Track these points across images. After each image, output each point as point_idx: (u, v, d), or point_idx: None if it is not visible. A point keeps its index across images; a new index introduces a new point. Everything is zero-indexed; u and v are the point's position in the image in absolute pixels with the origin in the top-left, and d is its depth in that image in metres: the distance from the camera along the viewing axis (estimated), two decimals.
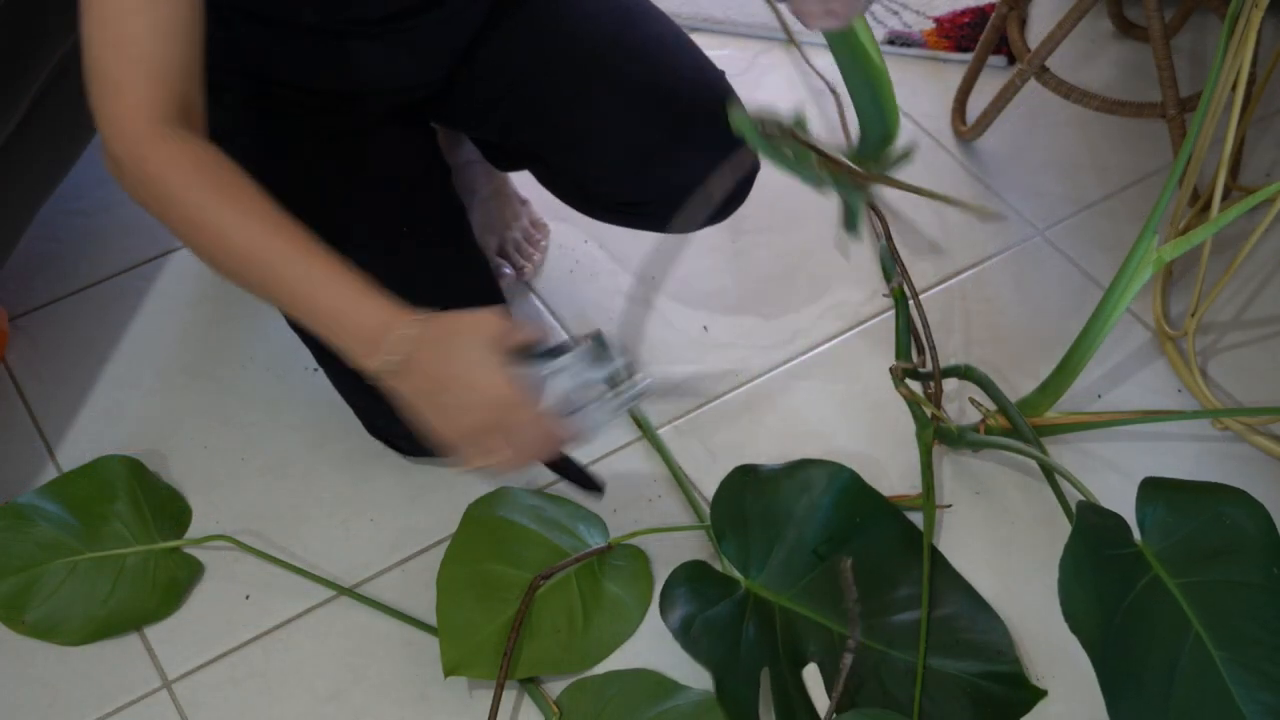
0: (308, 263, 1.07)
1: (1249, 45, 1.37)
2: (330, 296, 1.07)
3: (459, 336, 1.07)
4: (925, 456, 1.42)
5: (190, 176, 1.05)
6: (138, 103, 1.03)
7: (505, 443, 1.08)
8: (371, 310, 1.07)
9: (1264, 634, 1.17)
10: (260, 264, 1.07)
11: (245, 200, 1.07)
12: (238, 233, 1.06)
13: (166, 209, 1.06)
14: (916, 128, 1.88)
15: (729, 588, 1.34)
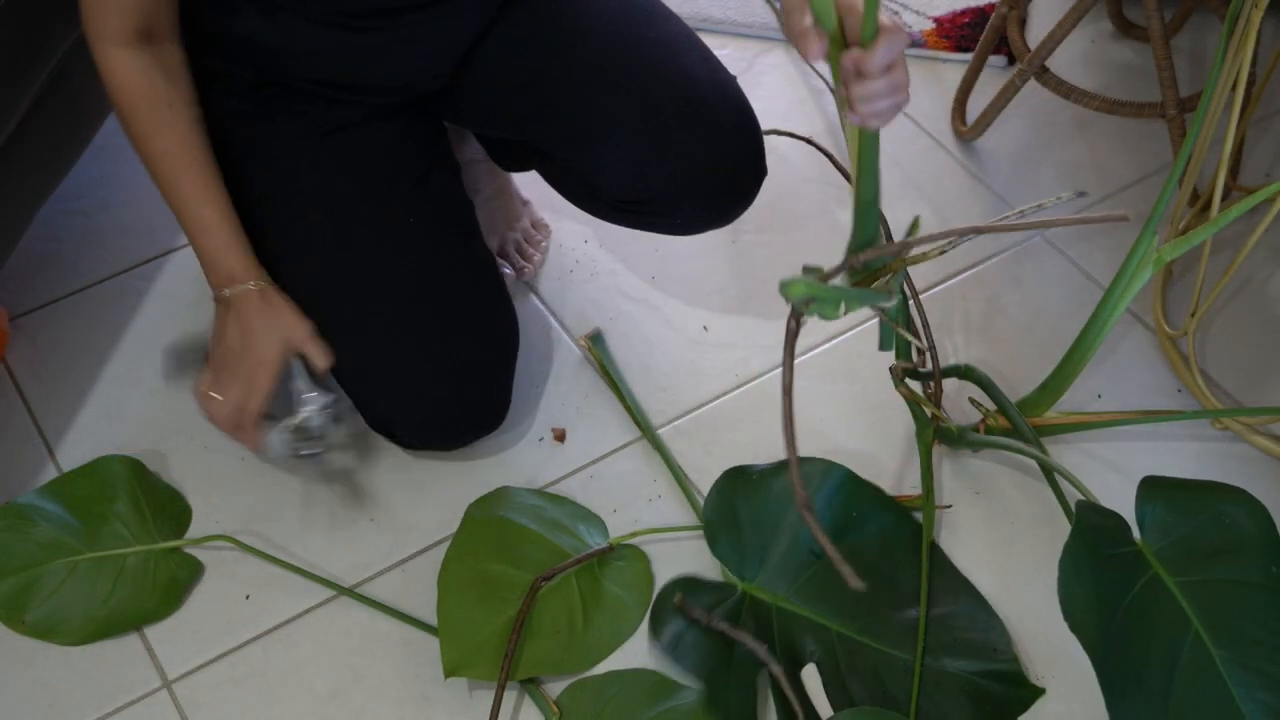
0: (200, 207, 1.31)
1: (1249, 45, 1.37)
2: (208, 242, 1.32)
3: (269, 320, 1.31)
4: (925, 457, 1.42)
5: (134, 102, 1.28)
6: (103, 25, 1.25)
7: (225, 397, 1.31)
8: (235, 261, 1.32)
9: (1264, 633, 1.18)
10: (171, 196, 1.32)
11: (169, 137, 1.29)
12: (158, 164, 1.30)
13: (116, 115, 1.31)
14: (917, 128, 1.88)
15: (723, 593, 1.34)
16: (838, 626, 1.31)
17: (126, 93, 1.28)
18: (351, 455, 1.50)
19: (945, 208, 1.77)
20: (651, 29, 1.41)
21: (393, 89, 1.38)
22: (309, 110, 1.37)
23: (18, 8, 1.32)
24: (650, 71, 1.38)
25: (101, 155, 1.78)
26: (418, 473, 1.49)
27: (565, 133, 1.41)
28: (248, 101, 1.36)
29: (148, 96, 1.27)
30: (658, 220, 1.45)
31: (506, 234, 1.67)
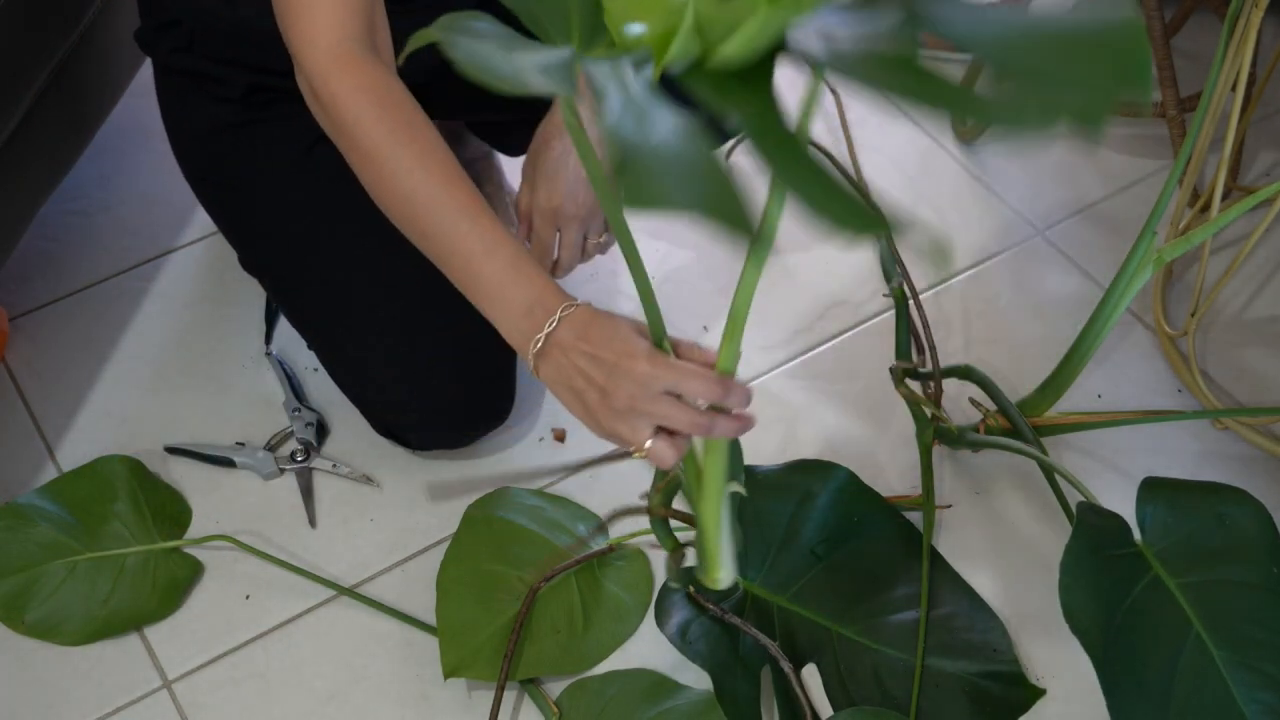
0: (477, 222, 1.05)
1: (1249, 45, 1.37)
2: (494, 263, 1.05)
3: (612, 320, 1.04)
4: (925, 456, 1.42)
5: (371, 108, 1.05)
6: (327, 19, 1.05)
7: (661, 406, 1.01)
8: (530, 283, 1.05)
9: (1264, 634, 1.18)
10: (427, 214, 1.05)
11: (423, 144, 1.06)
12: (410, 177, 1.05)
13: (344, 136, 1.07)
14: (916, 128, 1.88)
15: (725, 592, 1.34)
16: (838, 627, 1.32)
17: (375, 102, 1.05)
18: (351, 455, 1.50)
19: (945, 208, 1.77)
20: None
21: None
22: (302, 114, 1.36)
23: (18, 8, 1.32)
24: None
25: (101, 155, 1.78)
26: (417, 473, 1.49)
27: None
28: (241, 106, 1.36)
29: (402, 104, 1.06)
30: None
31: None
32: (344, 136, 1.08)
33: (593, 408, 1.03)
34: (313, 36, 1.06)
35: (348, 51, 1.06)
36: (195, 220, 1.73)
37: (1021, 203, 1.78)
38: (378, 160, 1.07)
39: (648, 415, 1.01)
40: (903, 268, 1.48)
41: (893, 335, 1.47)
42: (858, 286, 1.68)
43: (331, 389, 1.52)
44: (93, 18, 1.48)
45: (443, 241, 1.07)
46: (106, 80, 1.58)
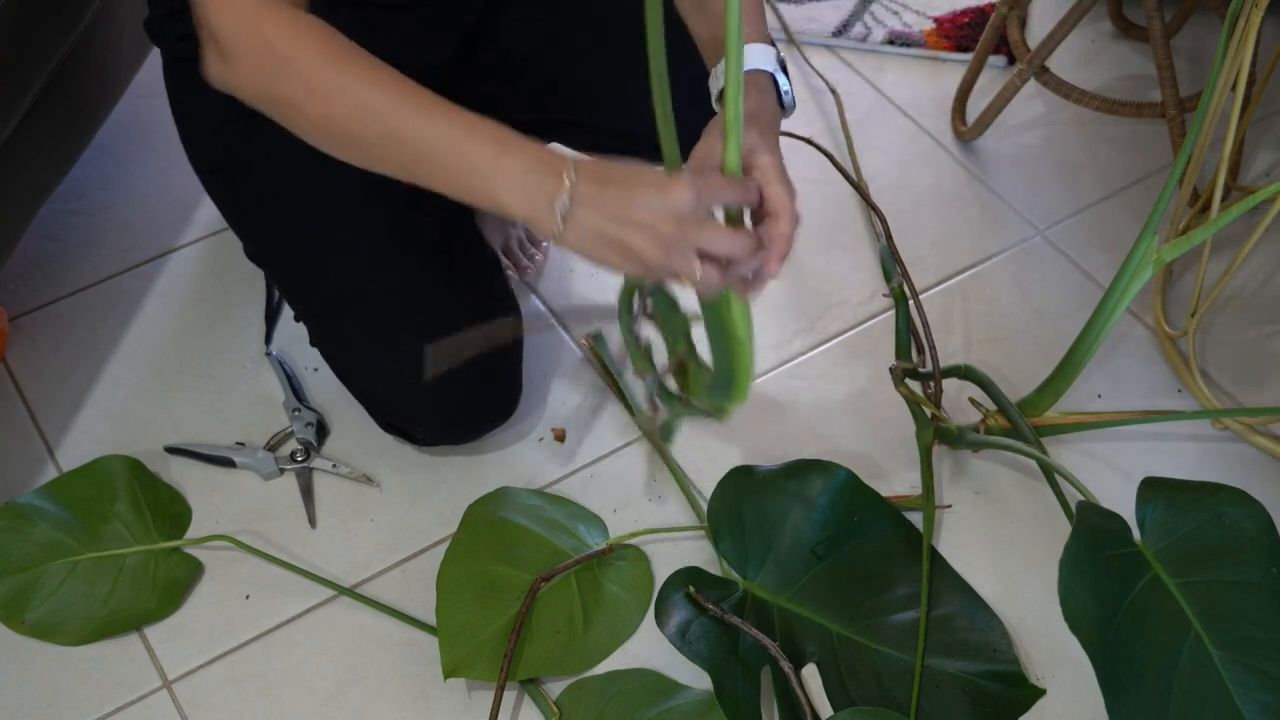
0: (447, 115, 1.03)
1: (1249, 45, 1.37)
2: (480, 141, 1.02)
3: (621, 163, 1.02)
4: (925, 456, 1.42)
5: (311, 42, 1.03)
6: None
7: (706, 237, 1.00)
8: (523, 148, 1.02)
9: (1264, 634, 1.18)
10: (394, 117, 1.03)
11: (368, 61, 1.04)
12: (367, 88, 1.03)
13: (287, 76, 1.05)
14: (916, 128, 1.88)
15: (726, 590, 1.34)
16: (838, 627, 1.32)
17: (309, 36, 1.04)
18: (352, 455, 1.50)
19: (945, 208, 1.77)
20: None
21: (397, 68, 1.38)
22: None
23: (18, 7, 1.32)
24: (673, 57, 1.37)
25: (101, 155, 1.78)
26: (418, 473, 1.49)
27: (588, 93, 1.39)
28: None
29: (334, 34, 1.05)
30: None
31: (509, 233, 1.67)
32: (287, 76, 1.05)
33: (640, 251, 1.00)
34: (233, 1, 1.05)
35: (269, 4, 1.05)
36: (195, 220, 1.73)
37: (1021, 203, 1.78)
38: (324, 85, 1.04)
39: (695, 243, 0.99)
40: (903, 268, 1.48)
41: (893, 335, 1.47)
42: (858, 286, 1.68)
43: (330, 389, 1.52)
44: (92, 17, 1.48)
45: (418, 141, 1.04)
46: (106, 80, 1.58)
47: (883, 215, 1.62)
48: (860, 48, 2.00)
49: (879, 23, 2.02)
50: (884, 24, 2.02)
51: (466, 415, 1.44)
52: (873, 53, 2.00)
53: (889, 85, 1.94)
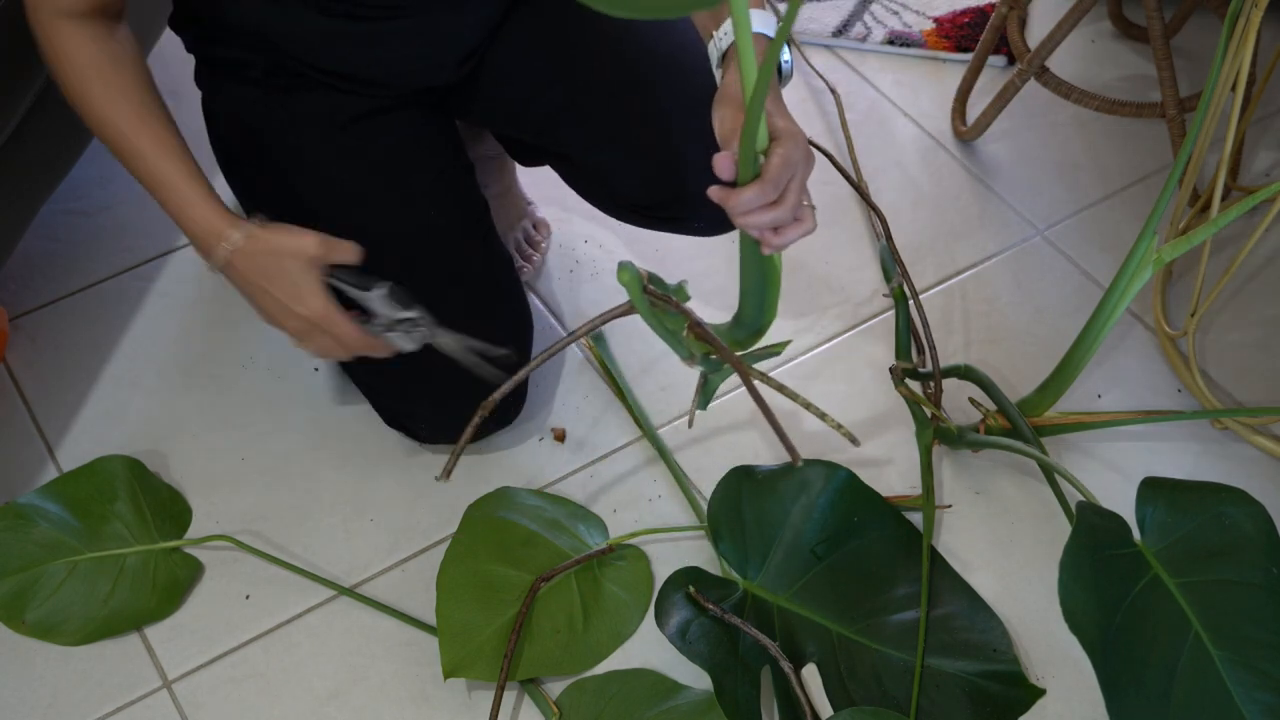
0: (162, 162, 1.23)
1: (1249, 45, 1.37)
2: (176, 198, 1.24)
3: (279, 258, 1.23)
4: (925, 456, 1.42)
5: (85, 66, 1.20)
6: None
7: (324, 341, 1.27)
8: (203, 217, 1.24)
9: (1264, 634, 1.18)
10: (127, 152, 1.23)
11: (119, 90, 1.22)
12: (112, 119, 1.22)
13: (62, 84, 1.23)
14: (916, 128, 1.88)
15: (726, 590, 1.34)
16: (838, 627, 1.32)
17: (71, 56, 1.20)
18: (351, 455, 1.50)
19: (945, 208, 1.77)
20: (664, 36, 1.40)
21: (396, 81, 1.38)
22: (322, 101, 1.37)
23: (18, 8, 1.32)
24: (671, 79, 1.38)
25: (101, 155, 1.77)
26: (418, 473, 1.49)
27: (585, 137, 1.40)
28: (261, 89, 1.36)
29: (96, 58, 1.21)
30: (675, 223, 1.45)
31: (509, 233, 1.67)
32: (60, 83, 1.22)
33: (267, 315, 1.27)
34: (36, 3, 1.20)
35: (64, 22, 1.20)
36: None
37: (1021, 203, 1.78)
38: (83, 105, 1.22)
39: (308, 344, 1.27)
40: (902, 268, 1.48)
41: (893, 335, 1.47)
42: (858, 286, 1.68)
43: (331, 388, 1.52)
44: None
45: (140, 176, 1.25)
46: None
47: (883, 215, 1.62)
48: (860, 48, 2.00)
49: (879, 23, 2.02)
50: (884, 24, 2.02)
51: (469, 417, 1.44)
52: (873, 53, 2.00)
53: (889, 85, 1.94)
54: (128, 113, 1.22)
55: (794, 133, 1.07)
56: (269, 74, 1.35)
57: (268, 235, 1.23)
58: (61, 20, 1.20)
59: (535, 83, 1.40)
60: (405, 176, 1.40)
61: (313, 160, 1.37)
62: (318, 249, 1.23)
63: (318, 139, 1.37)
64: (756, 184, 1.03)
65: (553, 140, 1.43)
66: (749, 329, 1.24)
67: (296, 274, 1.23)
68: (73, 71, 1.21)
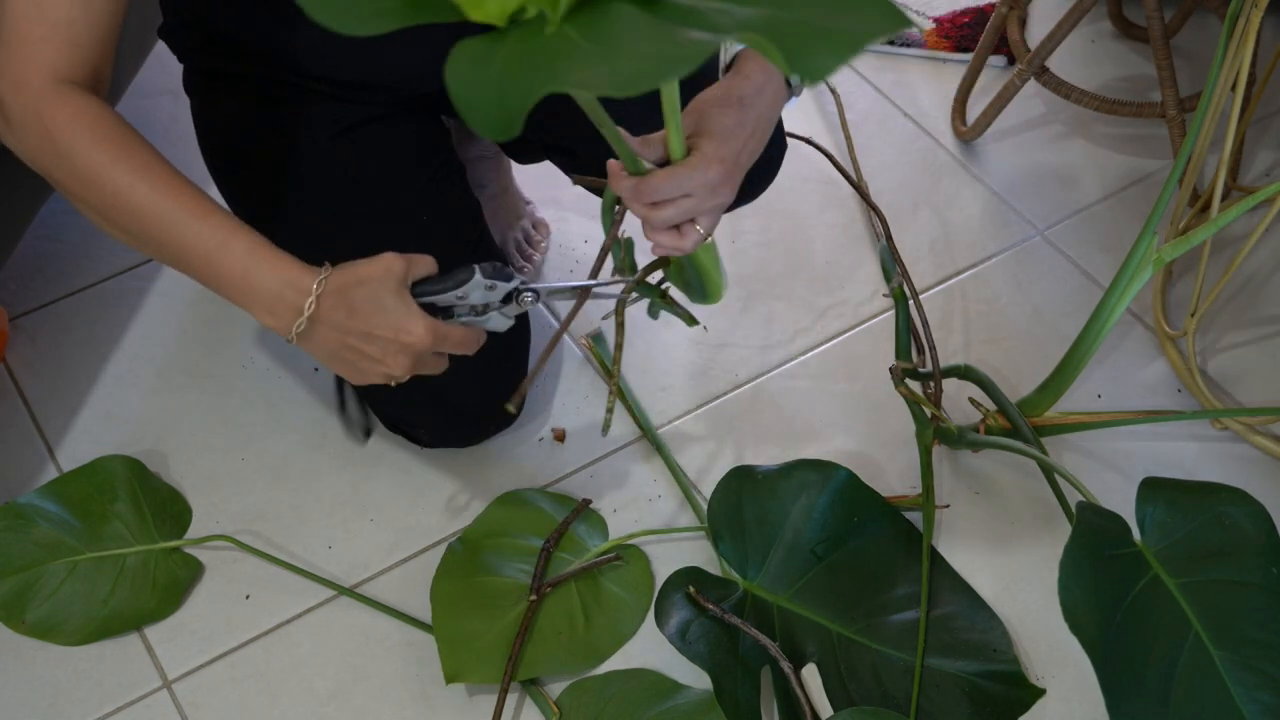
0: (207, 221, 1.08)
1: (1249, 45, 1.37)
2: (232, 257, 1.09)
3: (364, 286, 1.10)
4: (925, 456, 1.42)
5: (91, 134, 1.07)
6: (48, 62, 1.06)
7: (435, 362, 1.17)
8: (273, 267, 1.09)
9: (1263, 634, 1.18)
10: (158, 222, 1.08)
11: (144, 159, 1.09)
12: (134, 190, 1.07)
13: (66, 164, 1.08)
14: (916, 128, 1.88)
15: (726, 590, 1.34)
16: (838, 627, 1.32)
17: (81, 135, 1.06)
18: (352, 455, 1.50)
19: (945, 208, 1.77)
20: None
21: (398, 86, 1.38)
22: (316, 110, 1.37)
23: None
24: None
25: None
26: (417, 473, 1.49)
27: (587, 129, 1.40)
28: (254, 101, 1.36)
29: (112, 132, 1.08)
30: None
31: (508, 233, 1.67)
32: (63, 164, 1.08)
33: (366, 374, 1.14)
34: (27, 78, 1.06)
35: (62, 91, 1.07)
36: None
37: (1021, 203, 1.78)
38: (99, 181, 1.08)
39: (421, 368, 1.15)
40: (902, 268, 1.48)
41: (893, 335, 1.47)
42: (858, 286, 1.68)
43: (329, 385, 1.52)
44: None
45: (179, 248, 1.09)
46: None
47: (883, 215, 1.62)
48: None
49: None
50: None
51: (470, 421, 1.45)
52: (872, 53, 2.00)
53: (889, 85, 1.94)
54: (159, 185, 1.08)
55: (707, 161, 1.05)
56: (262, 84, 1.35)
57: (348, 270, 1.10)
58: (63, 90, 1.07)
59: None
60: (397, 183, 1.40)
61: (305, 169, 1.37)
62: (401, 264, 1.11)
63: (310, 148, 1.36)
64: (634, 179, 1.04)
65: (553, 134, 1.43)
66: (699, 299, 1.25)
67: (391, 299, 1.10)
68: (84, 149, 1.06)
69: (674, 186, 1.05)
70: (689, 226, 1.08)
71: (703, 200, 1.07)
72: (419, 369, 1.15)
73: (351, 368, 1.14)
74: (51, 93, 1.07)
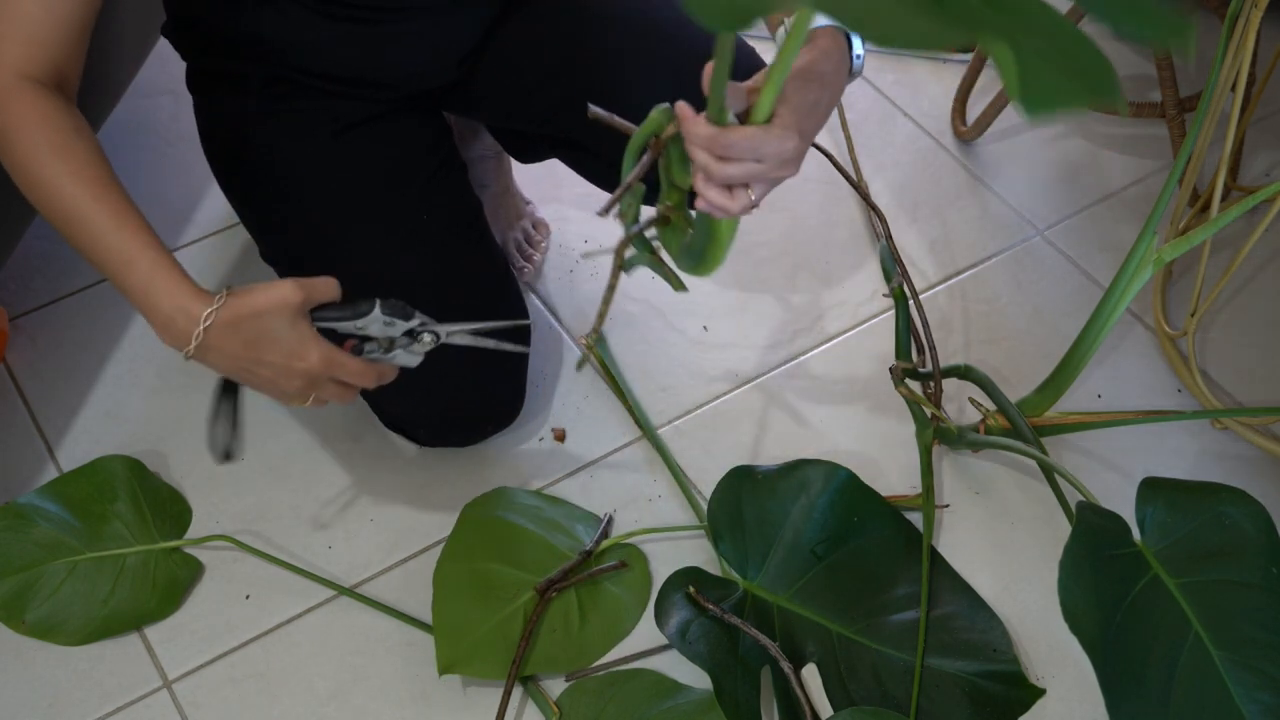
0: (121, 234, 1.12)
1: (1249, 45, 1.37)
2: (135, 274, 1.12)
3: (258, 319, 1.13)
4: (925, 456, 1.42)
5: (35, 132, 1.10)
6: (8, 58, 1.10)
7: (332, 389, 1.19)
8: (169, 294, 1.12)
9: (1263, 634, 1.18)
10: (80, 228, 1.12)
11: (79, 162, 1.12)
12: (64, 194, 1.11)
13: (8, 158, 1.12)
14: (916, 128, 1.88)
15: (726, 590, 1.34)
16: (838, 627, 1.32)
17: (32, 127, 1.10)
18: (352, 455, 1.50)
19: (945, 208, 1.77)
20: (667, 10, 1.40)
21: (401, 83, 1.38)
22: (319, 109, 1.37)
23: None
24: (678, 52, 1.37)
25: None
26: (417, 473, 1.49)
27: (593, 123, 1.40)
28: (257, 100, 1.36)
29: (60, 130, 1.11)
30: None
31: (508, 233, 1.67)
32: (5, 156, 1.12)
33: (260, 388, 1.18)
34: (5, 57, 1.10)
35: (19, 87, 1.11)
36: (196, 220, 1.73)
37: (1021, 203, 1.78)
38: (33, 176, 1.11)
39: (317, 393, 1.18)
40: (902, 268, 1.48)
41: (893, 335, 1.47)
42: (858, 286, 1.68)
43: None
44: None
45: (95, 253, 1.13)
46: (106, 80, 1.58)
47: (883, 215, 1.61)
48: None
49: None
50: None
51: (468, 422, 1.45)
52: (873, 53, 2.00)
53: (889, 85, 1.94)
54: (88, 189, 1.11)
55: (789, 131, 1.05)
56: (264, 83, 1.35)
57: (241, 299, 1.13)
58: (23, 85, 1.10)
59: (537, 74, 1.39)
60: (399, 181, 1.40)
61: (308, 168, 1.37)
62: (298, 294, 1.14)
63: (313, 147, 1.37)
64: (715, 129, 1.02)
65: (558, 128, 1.43)
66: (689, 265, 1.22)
67: (285, 329, 1.13)
68: (29, 143, 1.10)
69: (751, 148, 1.03)
70: (742, 190, 1.07)
71: (771, 169, 1.05)
72: (316, 393, 1.19)
73: (249, 382, 1.19)
74: (9, 88, 1.10)
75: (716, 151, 1.04)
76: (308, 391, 1.18)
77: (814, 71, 1.09)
